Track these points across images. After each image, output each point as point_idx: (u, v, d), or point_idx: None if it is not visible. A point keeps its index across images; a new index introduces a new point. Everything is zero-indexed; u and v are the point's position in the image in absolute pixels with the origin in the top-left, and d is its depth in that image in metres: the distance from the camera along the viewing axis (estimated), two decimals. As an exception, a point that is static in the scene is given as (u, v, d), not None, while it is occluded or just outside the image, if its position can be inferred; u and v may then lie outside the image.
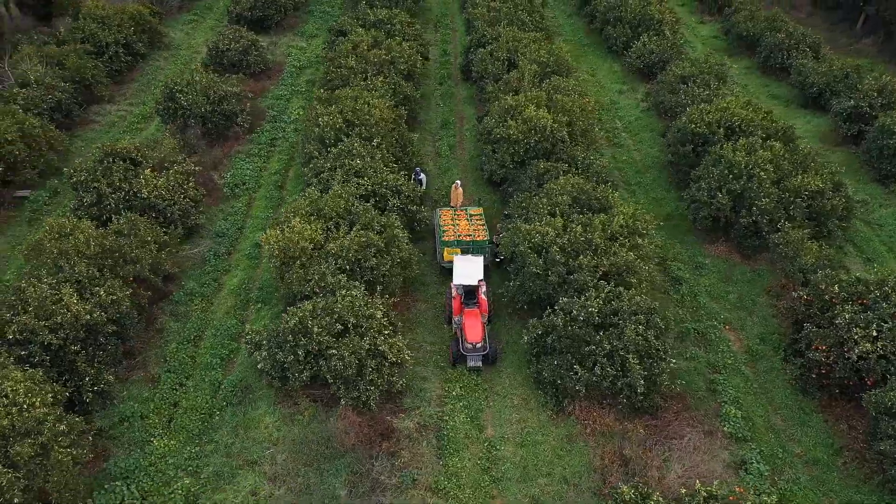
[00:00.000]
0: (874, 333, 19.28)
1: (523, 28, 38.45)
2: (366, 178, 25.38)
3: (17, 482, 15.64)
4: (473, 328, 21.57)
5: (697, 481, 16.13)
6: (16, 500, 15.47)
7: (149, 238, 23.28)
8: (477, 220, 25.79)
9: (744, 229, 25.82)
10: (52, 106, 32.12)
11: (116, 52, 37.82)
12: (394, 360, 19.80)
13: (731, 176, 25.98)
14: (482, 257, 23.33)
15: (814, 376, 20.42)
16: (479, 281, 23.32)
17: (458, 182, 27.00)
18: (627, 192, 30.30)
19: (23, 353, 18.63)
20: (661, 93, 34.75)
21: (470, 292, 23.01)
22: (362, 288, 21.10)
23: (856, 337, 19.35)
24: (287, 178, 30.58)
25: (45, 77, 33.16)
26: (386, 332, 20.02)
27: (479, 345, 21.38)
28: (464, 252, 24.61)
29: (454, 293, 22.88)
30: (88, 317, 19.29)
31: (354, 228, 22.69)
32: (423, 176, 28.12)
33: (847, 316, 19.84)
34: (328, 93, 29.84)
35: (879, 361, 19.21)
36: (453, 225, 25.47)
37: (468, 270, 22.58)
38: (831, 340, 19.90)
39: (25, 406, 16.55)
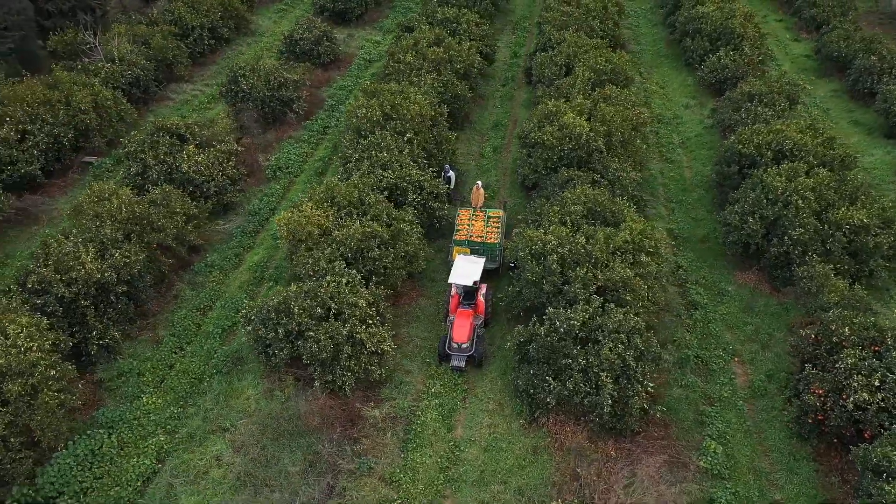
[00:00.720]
0: (876, 383, 17.83)
1: (591, 34, 37.72)
2: (390, 171, 25.87)
3: (2, 415, 17.20)
4: (461, 328, 21.63)
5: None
6: (-2, 432, 17.03)
7: (177, 209, 24.77)
8: (494, 222, 25.73)
9: (774, 259, 24.40)
10: (130, 81, 34.64)
11: (201, 35, 40.18)
12: (373, 349, 20.19)
13: (765, 201, 24.62)
14: (483, 259, 23.31)
15: (810, 421, 19.10)
16: (481, 283, 23.36)
17: (480, 183, 27.00)
18: (666, 209, 29.26)
19: (38, 301, 20.40)
20: (726, 110, 33.21)
21: (471, 293, 23.05)
22: (358, 277, 21.62)
23: (855, 384, 17.96)
24: (329, 166, 31.58)
25: (130, 54, 35.77)
26: (370, 322, 20.43)
27: (464, 345, 21.42)
28: (473, 253, 24.64)
29: (453, 292, 23.01)
30: (100, 275, 20.82)
31: (363, 219, 23.23)
32: (451, 174, 28.33)
33: (850, 360, 18.44)
34: (373, 85, 30.53)
35: (879, 414, 17.74)
36: (469, 225, 25.53)
37: (466, 270, 22.61)
38: (828, 385, 18.56)
39: (23, 349, 18.16)
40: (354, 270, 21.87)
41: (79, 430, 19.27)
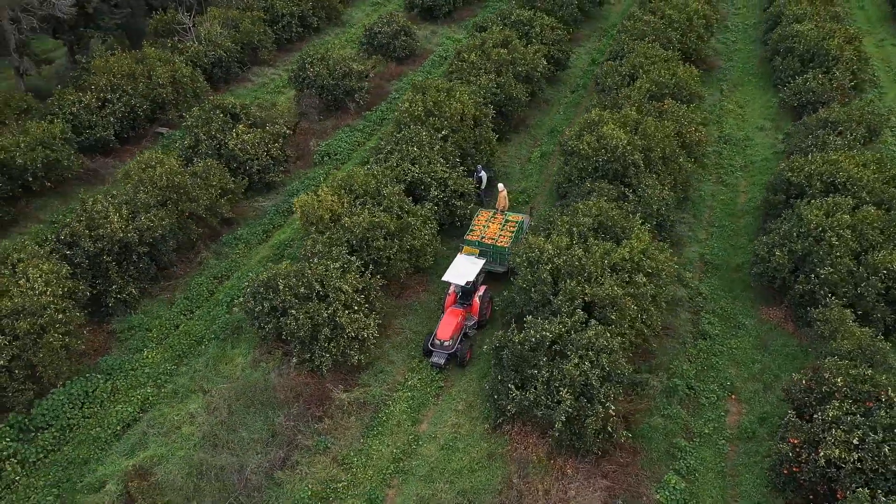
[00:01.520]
0: (855, 441, 16.41)
1: (668, 46, 36.39)
2: (417, 166, 26.34)
3: (9, 348, 19.22)
4: (446, 326, 21.80)
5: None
6: (1, 362, 19.03)
7: (214, 182, 26.42)
8: (510, 226, 25.60)
9: (799, 297, 22.80)
10: (213, 61, 37.09)
11: (290, 22, 42.30)
12: (353, 334, 20.77)
13: (796, 234, 23.05)
14: (483, 261, 23.33)
15: (784, 472, 17.83)
16: (481, 285, 23.42)
17: (502, 185, 26.92)
18: (706, 233, 27.93)
19: (68, 252, 22.52)
20: (798, 135, 31.17)
21: (468, 293, 23.14)
22: (356, 263, 22.27)
23: (830, 439, 16.61)
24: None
25: (218, 36, 38.27)
26: (355, 308, 21.02)
27: (446, 343, 21.59)
28: (481, 254, 24.67)
29: (451, 289, 23.20)
30: (123, 235, 22.67)
31: (377, 209, 23.82)
32: (483, 174, 28.38)
33: (831, 413, 17.06)
34: (422, 81, 31.06)
35: (855, 475, 16.32)
36: (484, 226, 25.55)
37: (463, 270, 22.73)
38: (804, 436, 17.26)
39: (38, 291, 20.18)
40: (354, 257, 22.52)
41: (81, 372, 21.14)
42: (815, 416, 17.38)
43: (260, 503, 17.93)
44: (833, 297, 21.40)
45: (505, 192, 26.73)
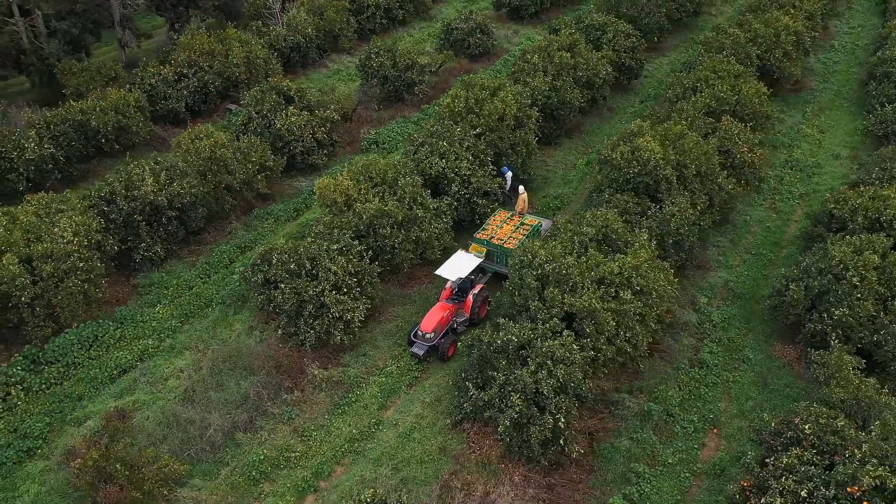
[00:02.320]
0: (804, 493, 15.29)
1: (745, 62, 34.50)
2: (444, 161, 26.68)
3: (33, 287, 21.42)
4: (430, 319, 22.07)
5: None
6: (24, 298, 21.23)
7: (253, 159, 27.96)
8: (524, 230, 25.39)
9: (810, 336, 21.28)
10: (291, 46, 38.98)
11: (374, 13, 43.62)
12: (337, 315, 21.49)
13: (814, 270, 21.51)
14: (480, 260, 23.37)
15: (735, 514, 16.86)
16: (478, 284, 23.52)
17: (522, 188, 26.71)
18: (739, 259, 26.47)
19: (105, 208, 24.67)
20: (871, 168, 28.83)
21: (464, 290, 23.28)
22: (358, 248, 22.98)
23: (777, 487, 15.55)
24: (422, 149, 33.01)
25: (303, 23, 40.15)
26: (344, 290, 21.71)
27: (427, 335, 21.86)
28: (489, 254, 24.70)
29: (448, 284, 23.43)
30: (153, 198, 24.54)
31: (392, 198, 24.43)
32: (509, 174, 28.24)
33: (785, 460, 15.95)
34: (470, 78, 31.24)
35: (800, 530, 15.24)
36: (497, 227, 25.51)
37: (457, 267, 22.88)
38: (755, 479, 16.23)
39: (66, 240, 22.30)
40: (357, 242, 23.23)
41: (97, 317, 23.18)
42: (770, 460, 16.29)
43: (214, 459, 19.03)
44: (845, 341, 19.83)
45: (525, 195, 26.54)
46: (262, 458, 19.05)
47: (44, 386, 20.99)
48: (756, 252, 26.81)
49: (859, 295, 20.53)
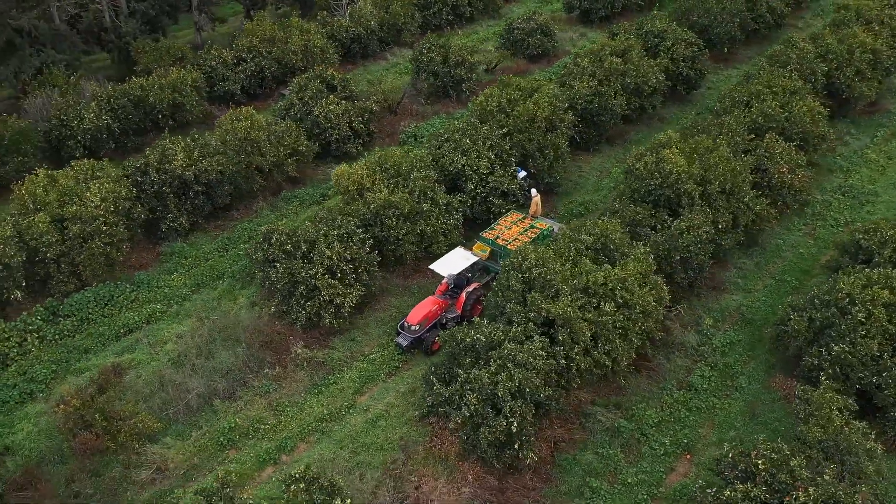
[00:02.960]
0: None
1: (810, 80, 32.63)
2: (464, 158, 26.83)
3: (58, 245, 23.24)
4: (418, 311, 22.34)
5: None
6: (48, 254, 23.09)
7: (286, 143, 29.06)
8: (532, 233, 25.17)
9: (807, 370, 20.10)
10: (352, 37, 40.05)
11: (440, 9, 44.08)
12: (328, 298, 22.12)
13: (817, 301, 20.28)
14: (477, 259, 23.41)
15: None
16: (474, 282, 23.58)
17: (535, 191, 26.44)
18: (760, 284, 25.21)
19: (139, 179, 26.36)
20: (928, 200, 26.83)
21: (459, 286, 23.40)
22: (361, 236, 23.53)
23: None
24: (458, 145, 33.20)
25: (368, 15, 41.14)
26: (339, 275, 22.29)
27: (413, 327, 22.13)
28: (492, 254, 24.68)
29: (445, 279, 23.60)
30: (180, 173, 26.00)
31: (402, 189, 24.86)
32: (522, 173, 27.94)
33: (729, 493, 15.24)
34: (508, 78, 31.12)
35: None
36: (505, 228, 25.42)
37: (452, 263, 23.01)
38: (698, 511, 15.61)
39: (94, 205, 24.02)
40: (361, 230, 23.78)
41: (117, 278, 24.83)
42: (717, 493, 15.61)
43: (189, 422, 20.09)
44: (843, 380, 18.68)
45: (538, 198, 26.29)
46: (233, 426, 19.95)
47: (57, 336, 22.76)
48: (780, 278, 25.43)
49: (864, 332, 19.20)
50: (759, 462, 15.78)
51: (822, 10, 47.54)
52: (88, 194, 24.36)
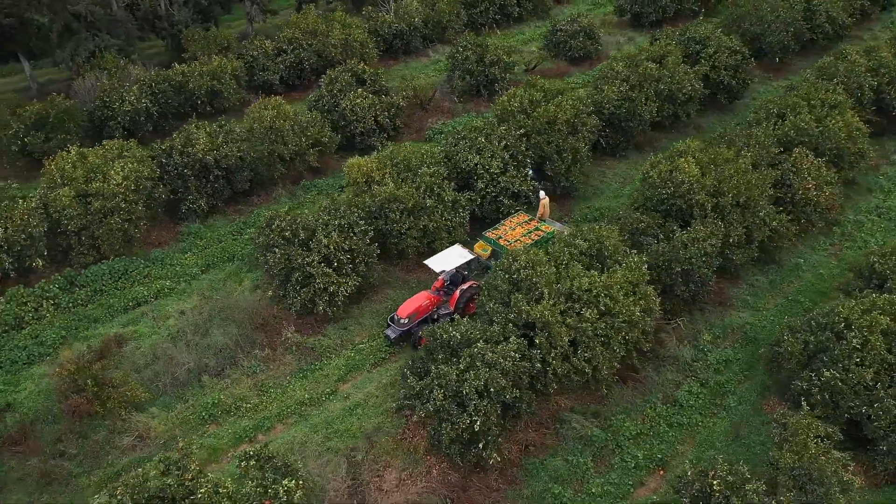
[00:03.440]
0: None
1: (856, 94, 31.12)
2: (478, 156, 26.87)
3: (80, 218, 24.55)
4: (408, 304, 22.55)
5: None
6: (69, 227, 24.43)
7: (309, 133, 29.76)
8: (536, 235, 24.96)
9: (797, 395, 19.28)
10: (393, 33, 40.56)
11: (487, 8, 44.12)
12: (322, 286, 22.58)
13: (814, 324, 19.43)
14: (472, 257, 23.41)
15: (627, 557, 15.95)
16: (470, 281, 23.62)
17: (543, 193, 26.18)
18: (770, 303, 24.30)
19: (164, 161, 27.52)
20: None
21: (455, 283, 23.49)
22: (363, 227, 23.91)
23: (656, 535, 14.57)
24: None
25: (414, 12, 41.56)
26: (336, 265, 22.72)
27: (402, 320, 22.35)
28: (493, 253, 24.64)
29: (441, 275, 23.71)
30: (201, 156, 27.00)
31: (403, 184, 25.14)
32: (530, 171, 27.64)
33: (675, 511, 14.85)
34: (535, 79, 30.89)
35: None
36: (511, 228, 25.31)
37: (447, 260, 23.08)
38: (642, 524, 15.25)
39: (116, 182, 25.23)
40: (363, 221, 24.16)
41: (134, 254, 26.02)
42: (663, 509, 15.23)
43: (176, 395, 20.91)
44: (833, 407, 17.89)
45: (546, 201, 26.05)
46: (217, 402, 20.65)
47: (71, 305, 24.04)
48: (794, 298, 24.42)
49: (858, 359, 18.27)
50: (715, 483, 15.28)
51: (892, 22, 45.30)
52: (112, 173, 25.57)
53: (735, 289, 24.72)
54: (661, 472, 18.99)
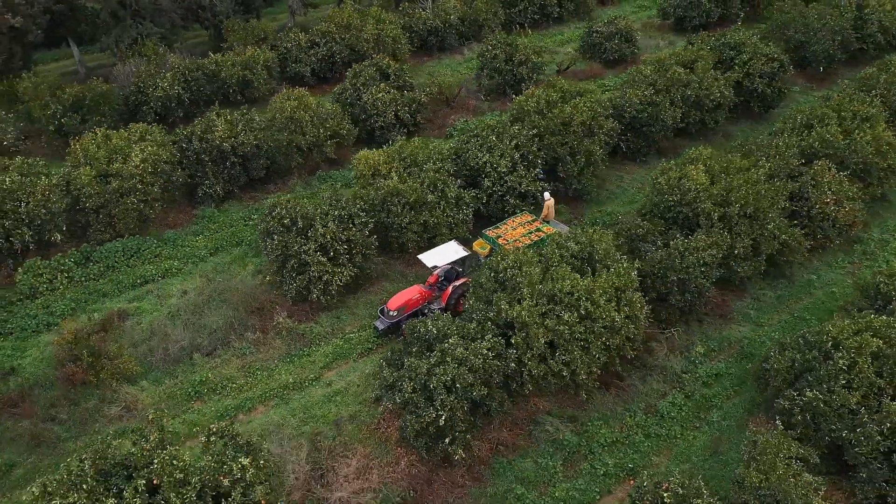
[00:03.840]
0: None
1: (894, 107, 29.77)
2: (488, 154, 26.87)
3: (98, 197, 25.66)
4: (398, 297, 22.77)
5: None
6: (87, 204, 25.57)
7: (327, 125, 30.29)
8: (536, 236, 24.79)
9: (778, 413, 18.62)
10: (428, 30, 40.81)
11: (526, 7, 43.91)
12: (316, 275, 23.01)
13: (802, 341, 18.75)
14: (467, 254, 23.43)
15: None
16: (464, 277, 23.67)
17: (548, 194, 25.94)
18: (775, 319, 23.52)
19: (184, 146, 28.48)
20: None
21: (449, 279, 23.57)
22: (363, 219, 24.25)
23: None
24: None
25: (451, 10, 41.73)
26: (332, 254, 23.12)
27: (391, 312, 22.58)
28: (492, 252, 24.59)
29: (436, 270, 23.82)
30: (219, 143, 27.82)
31: (408, 178, 25.36)
32: (540, 172, 27.39)
33: (620, 520, 14.60)
34: (556, 79, 30.61)
35: None
36: (512, 227, 25.21)
37: (440, 255, 23.15)
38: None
39: (134, 164, 26.27)
40: (364, 213, 24.49)
41: (148, 233, 27.03)
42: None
43: (167, 371, 21.66)
44: (814, 430, 17.28)
45: (551, 202, 25.81)
46: (204, 380, 21.31)
47: (83, 279, 25.16)
48: (800, 315, 23.56)
49: (844, 381, 17.54)
50: (666, 495, 14.95)
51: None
52: (132, 155, 26.62)
53: (739, 301, 24.02)
54: (631, 482, 18.65)
